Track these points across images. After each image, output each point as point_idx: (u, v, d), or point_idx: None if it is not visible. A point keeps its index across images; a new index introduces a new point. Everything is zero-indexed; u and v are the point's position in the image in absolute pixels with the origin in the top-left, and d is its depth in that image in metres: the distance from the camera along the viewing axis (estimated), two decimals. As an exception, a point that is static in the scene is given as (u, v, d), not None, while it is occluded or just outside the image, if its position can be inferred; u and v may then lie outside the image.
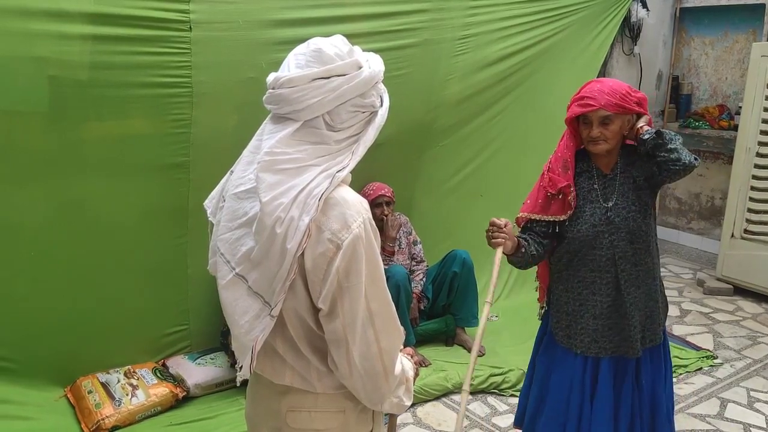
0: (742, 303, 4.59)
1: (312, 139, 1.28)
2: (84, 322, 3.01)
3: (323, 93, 1.25)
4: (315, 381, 1.35)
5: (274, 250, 1.22)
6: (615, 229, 2.18)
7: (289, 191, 1.22)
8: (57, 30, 2.60)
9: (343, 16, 3.33)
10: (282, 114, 1.29)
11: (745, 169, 4.56)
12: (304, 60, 1.28)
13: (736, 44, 5.39)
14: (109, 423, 2.81)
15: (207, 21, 2.90)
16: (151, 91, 2.86)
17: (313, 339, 1.33)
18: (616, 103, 2.07)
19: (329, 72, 1.26)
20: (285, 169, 1.24)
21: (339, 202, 1.25)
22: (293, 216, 1.21)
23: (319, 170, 1.25)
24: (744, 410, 3.23)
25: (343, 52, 1.29)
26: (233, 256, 1.31)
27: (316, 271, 1.24)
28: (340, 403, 1.38)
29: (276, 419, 1.40)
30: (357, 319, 1.25)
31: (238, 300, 1.31)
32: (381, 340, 1.28)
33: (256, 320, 1.28)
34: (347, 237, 1.23)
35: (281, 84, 1.26)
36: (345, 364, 1.28)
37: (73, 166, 2.82)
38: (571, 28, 4.40)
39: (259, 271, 1.27)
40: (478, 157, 4.24)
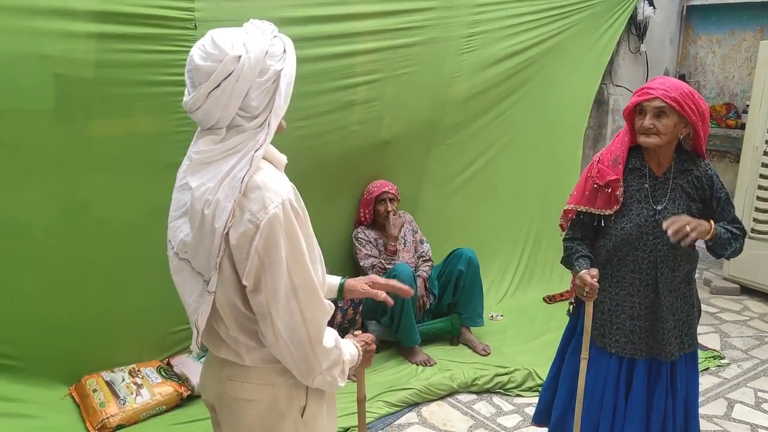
0: (749, 303, 4.57)
1: (239, 135, 1.35)
2: (89, 320, 3.01)
3: (222, 100, 1.31)
4: (244, 355, 1.45)
5: (206, 230, 1.33)
6: (661, 233, 2.13)
7: (215, 176, 1.32)
8: (63, 28, 2.60)
9: (348, 14, 3.32)
10: (206, 128, 1.37)
11: (752, 168, 4.53)
12: (192, 79, 1.34)
13: (744, 42, 5.36)
14: (114, 422, 2.81)
15: (212, 19, 2.89)
16: (157, 90, 2.86)
17: (240, 318, 1.41)
18: (673, 97, 2.04)
19: (216, 81, 1.30)
20: (212, 161, 1.34)
21: (259, 186, 1.32)
22: (219, 198, 1.31)
23: (241, 154, 1.33)
24: (751, 411, 3.21)
25: (215, 54, 1.30)
26: (176, 242, 1.42)
27: (240, 250, 1.32)
28: (270, 378, 1.47)
29: (218, 386, 1.52)
30: (279, 293, 1.33)
31: (185, 282, 1.43)
32: (305, 312, 1.36)
33: (200, 298, 1.40)
34: (264, 217, 1.30)
35: (189, 109, 1.34)
36: (271, 334, 1.36)
37: (79, 164, 2.82)
38: (577, 26, 4.39)
39: (198, 253, 1.37)
40: (484, 155, 4.22)
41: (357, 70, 3.43)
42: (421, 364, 3.45)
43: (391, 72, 3.57)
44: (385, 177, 3.79)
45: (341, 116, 3.46)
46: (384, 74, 3.54)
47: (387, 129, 3.70)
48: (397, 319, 3.45)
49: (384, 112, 3.64)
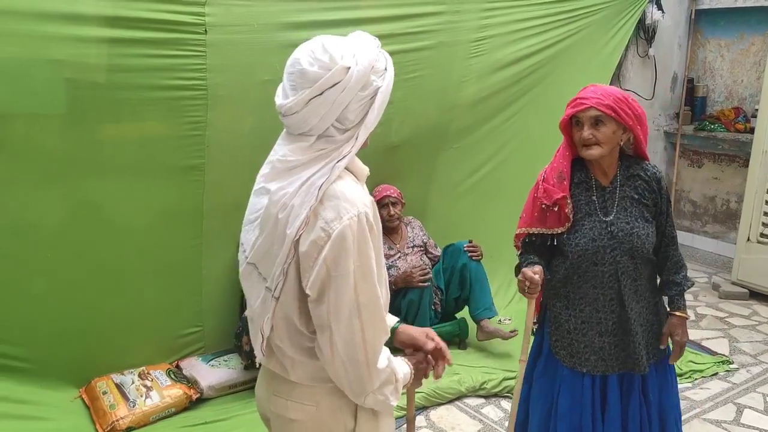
0: (758, 307, 4.55)
1: (327, 144, 1.33)
2: (99, 323, 3.03)
3: (322, 109, 1.29)
4: (290, 369, 1.42)
5: (277, 235, 1.31)
6: (617, 244, 2.11)
7: (294, 182, 1.30)
8: (74, 33, 2.61)
9: (357, 18, 3.32)
10: (296, 133, 1.35)
11: (761, 172, 4.51)
12: (294, 82, 1.31)
13: (753, 46, 5.34)
14: (124, 424, 2.83)
15: (222, 24, 2.91)
16: (167, 94, 2.87)
17: (291, 329, 1.39)
18: (607, 104, 2.01)
19: (320, 88, 1.28)
20: (295, 167, 1.32)
21: (337, 194, 1.30)
22: (295, 204, 1.29)
23: (324, 162, 1.31)
24: (760, 416, 3.19)
25: (325, 62, 1.28)
26: (247, 246, 1.42)
27: (307, 258, 1.30)
28: (314, 397, 1.43)
29: (266, 400, 1.51)
30: (343, 308, 1.29)
31: (252, 286, 1.43)
32: (366, 331, 1.31)
33: (264, 304, 1.38)
34: (338, 227, 1.27)
35: (284, 113, 1.32)
36: (328, 349, 1.33)
37: (89, 167, 2.84)
38: (586, 30, 4.39)
39: (265, 258, 1.36)
40: (492, 159, 4.23)
41: (366, 74, 3.44)
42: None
43: (399, 76, 3.53)
44: (393, 181, 3.79)
45: (349, 120, 3.47)
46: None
47: (396, 133, 3.71)
48: (411, 322, 3.45)
49: (393, 115, 3.64)
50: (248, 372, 3.24)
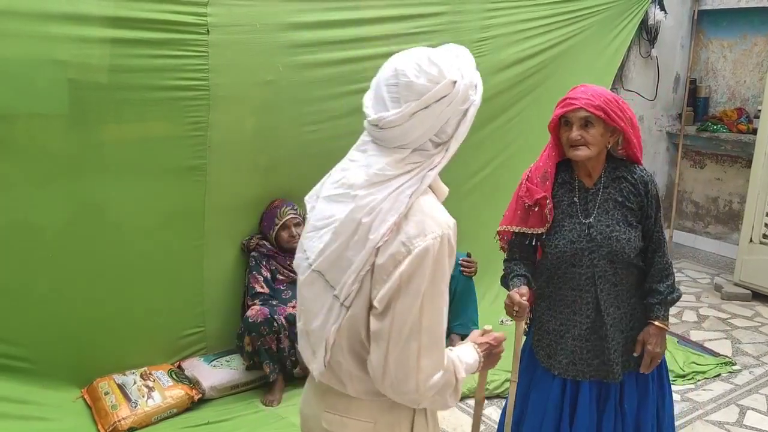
0: (760, 308, 4.54)
1: (420, 158, 1.31)
2: (101, 323, 3.03)
3: (426, 123, 1.27)
4: (347, 382, 1.37)
5: (356, 240, 1.27)
6: (596, 247, 2.07)
7: (384, 190, 1.27)
8: (77, 33, 2.62)
9: (360, 18, 3.32)
10: (392, 146, 1.31)
11: (764, 173, 4.51)
12: (398, 94, 1.27)
13: (755, 47, 5.33)
14: (126, 424, 2.82)
15: (224, 24, 2.91)
16: (169, 94, 2.87)
17: (354, 341, 1.34)
18: (597, 105, 1.98)
19: (427, 102, 1.25)
20: (391, 179, 1.29)
21: (422, 210, 1.28)
22: (382, 208, 1.25)
23: (414, 172, 1.29)
24: (763, 417, 3.19)
25: (433, 74, 1.26)
26: (312, 253, 1.35)
27: (383, 270, 1.26)
28: (372, 414, 1.38)
29: (317, 417, 1.45)
30: (404, 327, 1.25)
31: (316, 295, 1.36)
32: (422, 357, 1.27)
33: (329, 313, 1.33)
34: (420, 245, 1.24)
35: (382, 126, 1.28)
36: (380, 365, 1.28)
37: (92, 168, 2.84)
38: (588, 30, 4.38)
39: (336, 265, 1.30)
40: (495, 160, 4.22)
41: (368, 74, 3.39)
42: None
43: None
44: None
45: (352, 121, 3.46)
46: (395, 79, 3.55)
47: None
48: None
49: (395, 116, 3.64)
50: (250, 373, 3.24)
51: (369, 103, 1.33)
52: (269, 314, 3.09)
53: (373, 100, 1.32)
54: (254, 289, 3.25)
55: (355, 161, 1.36)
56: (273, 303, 3.24)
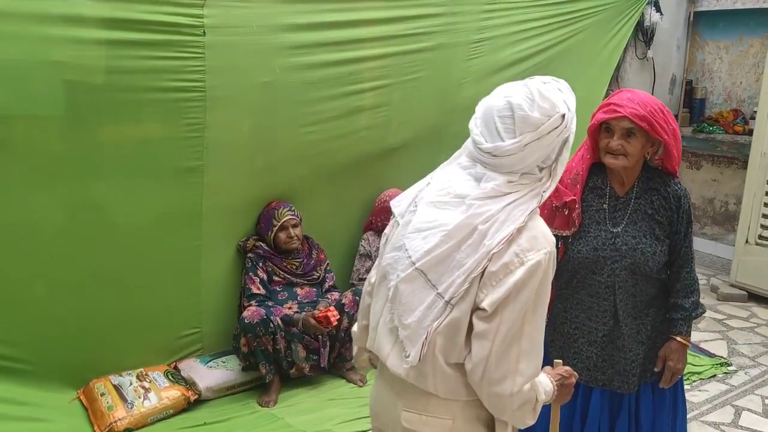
0: (756, 309, 4.55)
1: (528, 180, 1.42)
2: (97, 324, 3.02)
3: (537, 152, 1.38)
4: (431, 377, 1.42)
5: (469, 244, 1.36)
6: (619, 257, 2.03)
7: (499, 202, 1.38)
8: (74, 35, 2.61)
9: (357, 20, 3.33)
10: (502, 171, 1.40)
11: (760, 174, 4.52)
12: (512, 125, 1.37)
13: (751, 48, 5.35)
14: (122, 425, 2.82)
15: (221, 25, 2.91)
16: (166, 96, 2.87)
17: (451, 339, 1.40)
18: (642, 116, 1.91)
19: (540, 133, 1.36)
20: (503, 194, 1.39)
21: (535, 227, 1.39)
22: (498, 219, 1.36)
23: (527, 189, 1.41)
24: (759, 418, 3.19)
25: (546, 108, 1.36)
26: (416, 252, 1.41)
27: (493, 276, 1.35)
28: (451, 410, 1.44)
29: (393, 414, 1.50)
30: (509, 331, 1.34)
31: (414, 292, 1.42)
32: (521, 361, 1.36)
33: (429, 310, 1.39)
34: (532, 258, 1.34)
35: (498, 154, 1.38)
36: (482, 362, 1.35)
37: (88, 169, 2.83)
38: (584, 32, 4.40)
39: (440, 266, 1.38)
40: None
41: (365, 75, 3.44)
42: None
43: (398, 78, 3.58)
44: (393, 183, 3.79)
45: (349, 122, 3.48)
46: (391, 80, 3.56)
47: (395, 135, 3.71)
48: None
49: (392, 117, 3.65)
50: (246, 373, 3.24)
51: (478, 131, 1.43)
52: (265, 315, 3.09)
53: (484, 129, 1.42)
54: (250, 290, 3.25)
55: (457, 176, 1.47)
56: (269, 304, 3.24)
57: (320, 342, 3.26)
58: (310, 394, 3.25)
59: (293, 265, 3.40)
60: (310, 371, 3.27)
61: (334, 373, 3.41)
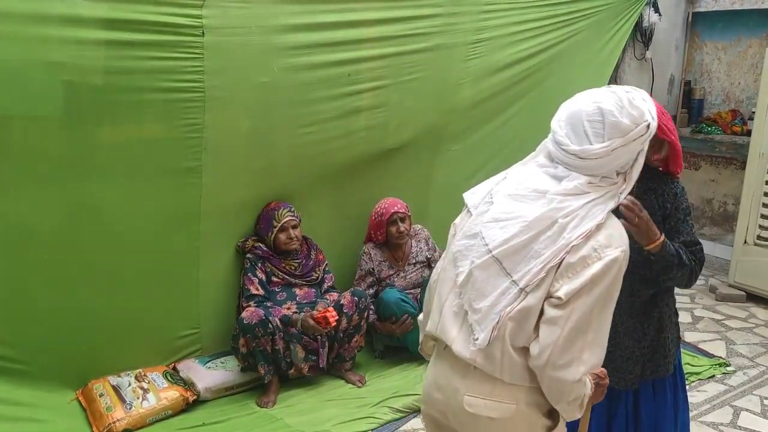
0: (755, 310, 4.55)
1: (606, 182, 1.51)
2: (96, 325, 3.02)
3: (621, 157, 1.48)
4: (498, 361, 1.48)
5: (549, 235, 1.44)
6: None
7: (580, 200, 1.47)
8: (72, 35, 2.61)
9: (355, 20, 3.33)
10: (586, 174, 1.49)
11: (758, 174, 4.52)
12: (602, 130, 1.46)
13: (750, 49, 5.35)
14: (120, 426, 2.82)
15: (219, 26, 2.92)
16: (164, 96, 2.87)
17: (523, 324, 1.46)
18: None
19: (627, 140, 1.46)
20: (583, 193, 1.49)
21: (612, 226, 1.48)
22: (578, 214, 1.44)
23: (605, 191, 1.49)
24: (757, 418, 3.20)
25: (635, 116, 1.46)
26: (493, 241, 1.50)
27: (570, 268, 1.43)
28: (515, 395, 1.51)
29: (454, 399, 1.56)
30: (579, 321, 1.42)
31: (488, 278, 1.50)
32: (585, 351, 1.44)
33: (501, 296, 1.47)
34: (610, 254, 1.43)
35: (585, 156, 1.47)
36: (549, 346, 1.42)
37: (87, 169, 2.83)
38: (583, 32, 4.40)
39: (517, 255, 1.47)
40: (491, 162, 4.22)
41: (363, 76, 3.44)
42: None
43: (397, 78, 3.59)
44: (392, 185, 3.79)
45: (347, 122, 3.48)
46: (390, 81, 3.56)
47: (393, 135, 3.71)
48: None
49: (390, 118, 3.65)
50: (245, 374, 3.24)
51: (563, 132, 1.51)
52: (264, 316, 3.09)
53: (570, 131, 1.50)
54: (249, 291, 3.25)
55: (535, 173, 1.56)
56: (268, 305, 3.24)
57: (319, 342, 3.26)
58: (309, 394, 3.25)
59: (292, 266, 3.40)
60: (309, 372, 3.27)
61: (333, 373, 3.41)
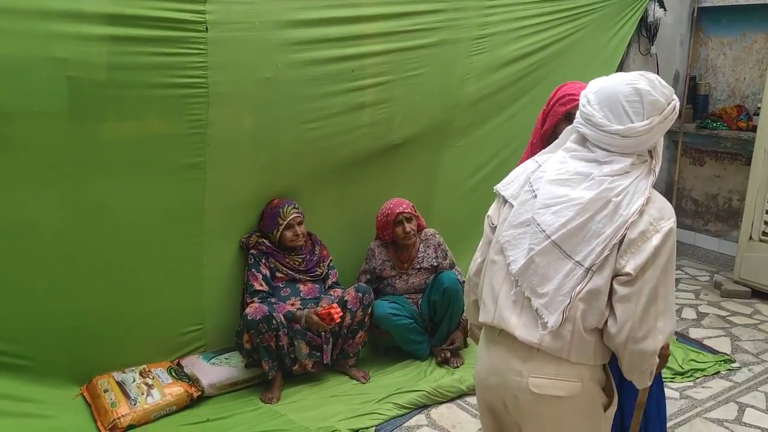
0: (760, 306, 4.54)
1: (639, 160, 1.60)
2: (100, 321, 3.03)
3: (658, 133, 1.58)
4: (567, 341, 1.55)
5: (605, 214, 1.52)
6: None
7: (627, 179, 1.56)
8: (76, 31, 2.61)
9: (359, 16, 3.32)
10: (623, 153, 1.58)
11: (763, 170, 4.50)
12: (641, 108, 1.55)
13: (755, 44, 5.32)
14: (125, 422, 2.83)
15: (223, 21, 2.91)
16: (168, 92, 2.87)
17: (593, 302, 1.53)
18: None
19: (664, 116, 1.56)
20: (627, 172, 1.58)
21: (659, 199, 1.58)
22: (629, 191, 1.54)
23: (642, 169, 1.59)
24: (762, 415, 3.19)
25: (668, 95, 1.57)
26: (550, 226, 1.57)
27: (632, 244, 1.51)
28: (580, 373, 1.58)
29: (517, 382, 1.62)
30: (650, 293, 1.51)
31: (550, 263, 1.57)
32: (659, 320, 1.52)
33: (566, 278, 1.55)
34: (665, 226, 1.53)
35: (630, 134, 1.55)
36: (626, 323, 1.50)
37: (91, 165, 2.83)
38: (587, 27, 4.38)
39: (575, 237, 1.54)
40: (496, 158, 4.22)
41: (367, 72, 3.44)
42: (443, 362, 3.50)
43: (400, 74, 3.58)
44: (396, 179, 3.78)
45: (351, 118, 3.47)
46: (394, 76, 3.55)
47: (397, 131, 3.70)
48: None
49: (394, 114, 3.64)
50: (249, 370, 3.24)
51: (601, 114, 1.58)
52: (268, 312, 3.09)
53: (609, 113, 1.57)
54: (253, 287, 3.25)
55: (570, 159, 1.63)
56: (272, 301, 3.24)
57: (323, 338, 3.26)
58: (312, 390, 3.26)
59: (296, 262, 3.40)
60: (313, 368, 3.28)
61: (337, 369, 3.41)
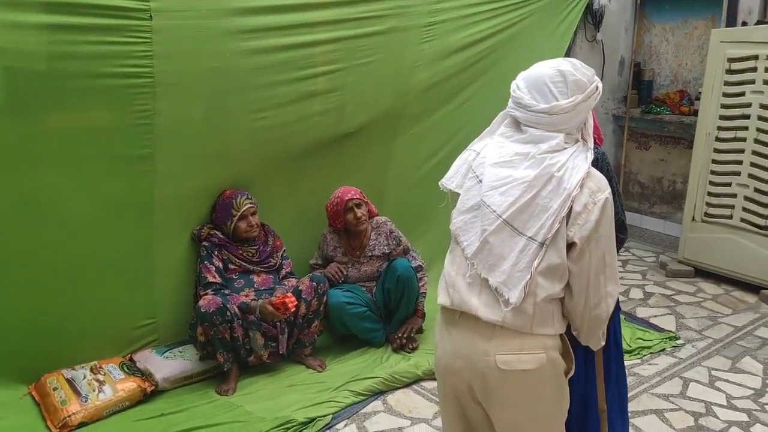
0: (703, 285, 4.70)
1: (569, 140, 1.69)
2: (47, 318, 2.96)
3: (582, 112, 1.67)
4: (530, 314, 1.62)
5: (550, 189, 1.60)
6: None
7: (564, 154, 1.64)
8: (12, 19, 2.52)
9: (308, 3, 3.29)
10: (550, 131, 1.66)
11: (705, 153, 4.65)
12: (565, 88, 1.64)
13: (696, 30, 5.48)
14: (76, 419, 2.77)
15: (168, 9, 2.85)
16: (112, 82, 2.80)
17: (549, 274, 1.61)
18: None
19: (587, 95, 1.65)
20: (564, 148, 1.67)
21: (594, 173, 1.66)
22: (569, 166, 1.62)
23: (576, 146, 1.68)
24: (705, 389, 3.31)
25: (589, 75, 1.67)
26: (499, 207, 1.63)
27: (578, 216, 1.60)
28: (543, 344, 1.65)
29: (483, 361, 1.67)
30: (598, 263, 1.62)
31: (504, 241, 1.64)
32: (608, 285, 1.65)
33: (521, 254, 1.61)
34: (601, 198, 1.61)
35: (556, 112, 1.63)
36: (582, 294, 1.63)
37: (32, 158, 2.75)
38: (535, 14, 4.44)
39: (525, 214, 1.61)
40: (448, 144, 4.24)
41: (317, 60, 3.41)
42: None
43: (351, 62, 3.56)
44: (349, 168, 3.77)
45: (302, 107, 3.44)
46: (345, 64, 3.53)
47: (349, 119, 3.69)
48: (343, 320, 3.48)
49: (346, 102, 3.62)
50: (203, 363, 3.21)
51: (529, 96, 1.67)
52: (222, 303, 3.06)
53: (536, 94, 1.66)
54: (206, 279, 3.21)
55: (507, 142, 1.71)
56: (225, 292, 3.21)
57: (278, 329, 3.25)
58: (269, 381, 3.25)
59: (249, 253, 3.37)
60: (269, 358, 3.26)
61: (293, 359, 3.41)
